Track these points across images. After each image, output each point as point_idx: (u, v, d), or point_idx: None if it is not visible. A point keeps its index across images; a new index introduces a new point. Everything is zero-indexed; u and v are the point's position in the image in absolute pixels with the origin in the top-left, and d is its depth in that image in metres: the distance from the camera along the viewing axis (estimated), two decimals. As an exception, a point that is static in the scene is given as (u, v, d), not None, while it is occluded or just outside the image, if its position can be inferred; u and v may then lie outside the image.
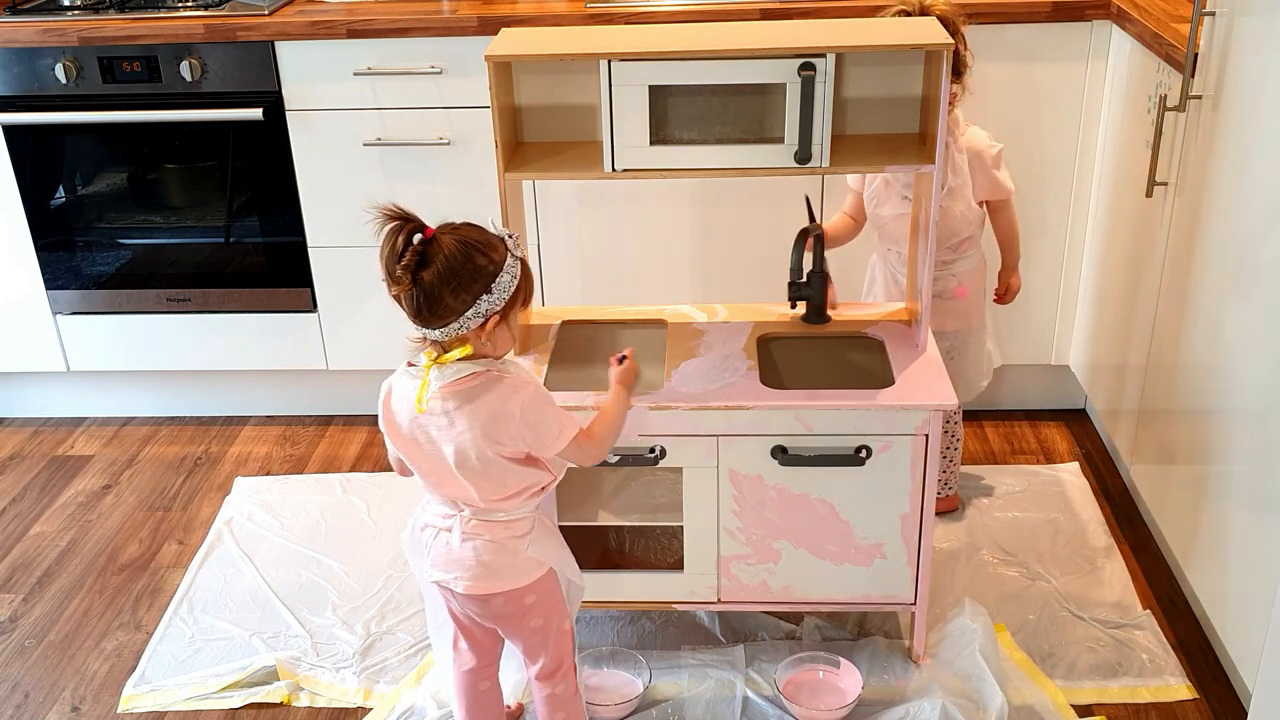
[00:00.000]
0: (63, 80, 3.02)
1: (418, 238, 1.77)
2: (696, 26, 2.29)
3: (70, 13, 3.10)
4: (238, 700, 2.41)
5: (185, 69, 2.99)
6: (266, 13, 3.00)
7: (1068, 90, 2.92)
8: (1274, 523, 2.05)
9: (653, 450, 2.23)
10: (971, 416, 3.27)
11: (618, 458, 2.22)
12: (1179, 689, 2.34)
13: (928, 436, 2.19)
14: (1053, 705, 2.29)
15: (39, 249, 3.22)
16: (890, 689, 2.33)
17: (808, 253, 2.39)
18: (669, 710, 2.31)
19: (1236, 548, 2.22)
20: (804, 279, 2.39)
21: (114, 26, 2.99)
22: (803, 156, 2.15)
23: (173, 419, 3.49)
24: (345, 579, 2.73)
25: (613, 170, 2.20)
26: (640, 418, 2.16)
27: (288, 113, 3.03)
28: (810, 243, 2.38)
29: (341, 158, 3.06)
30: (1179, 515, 2.50)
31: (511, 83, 2.26)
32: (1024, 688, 2.33)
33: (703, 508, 2.27)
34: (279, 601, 2.67)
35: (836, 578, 2.32)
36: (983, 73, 2.62)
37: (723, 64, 2.12)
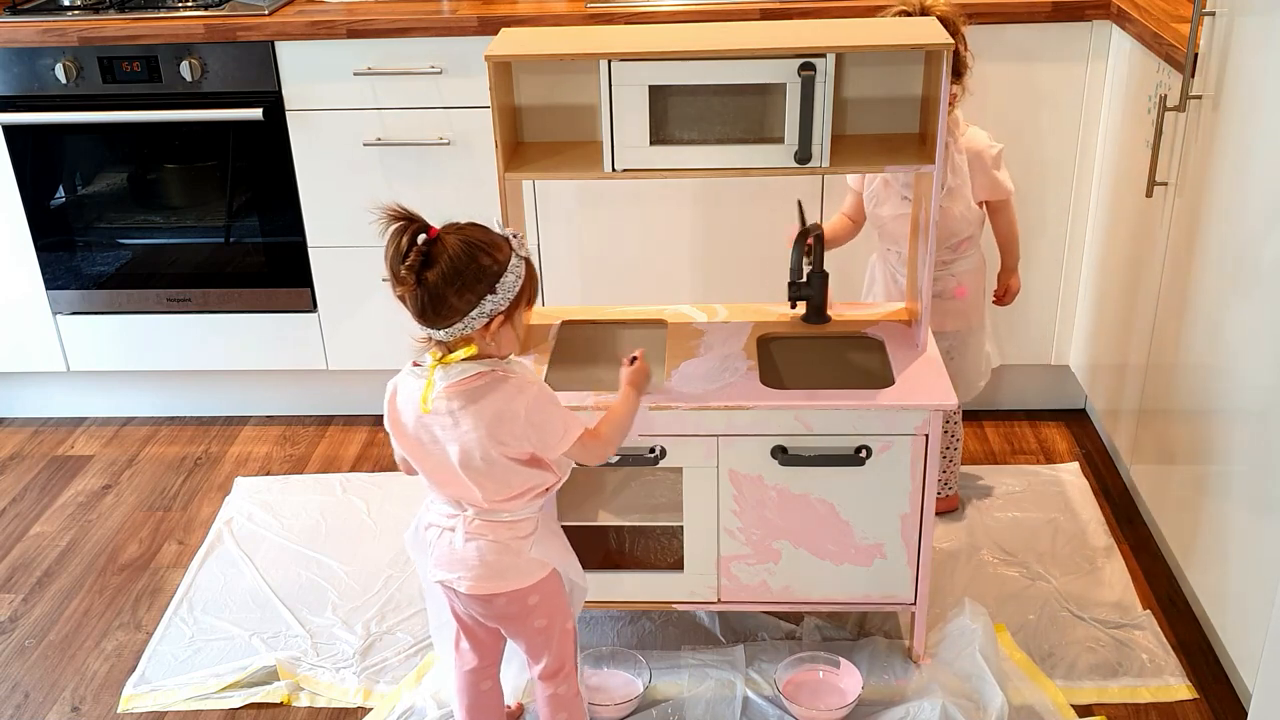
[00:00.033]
0: (63, 80, 3.02)
1: (422, 238, 1.77)
2: (696, 26, 2.29)
3: (70, 13, 3.09)
4: (238, 700, 2.41)
5: (185, 69, 2.99)
6: (266, 13, 3.00)
7: (1068, 90, 2.91)
8: (1274, 523, 2.05)
9: (653, 450, 2.23)
10: (971, 416, 3.27)
11: (618, 458, 2.21)
12: (1179, 689, 2.34)
13: (928, 436, 2.19)
14: (1053, 705, 2.29)
15: (39, 249, 3.22)
16: (890, 689, 2.33)
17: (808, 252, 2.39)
18: (669, 710, 2.31)
19: (1236, 548, 2.22)
20: (804, 279, 2.39)
21: (114, 26, 2.99)
22: (803, 156, 2.15)
23: (173, 419, 3.49)
24: (345, 579, 2.73)
25: (613, 170, 2.20)
26: (640, 418, 2.16)
27: (288, 113, 3.03)
28: (810, 242, 2.38)
29: (341, 158, 3.06)
30: (1179, 515, 2.50)
31: (511, 83, 2.26)
32: (1024, 688, 2.33)
33: (703, 508, 2.27)
34: (279, 601, 2.67)
35: (836, 578, 2.32)
36: (983, 73, 2.62)
37: (723, 64, 2.12)
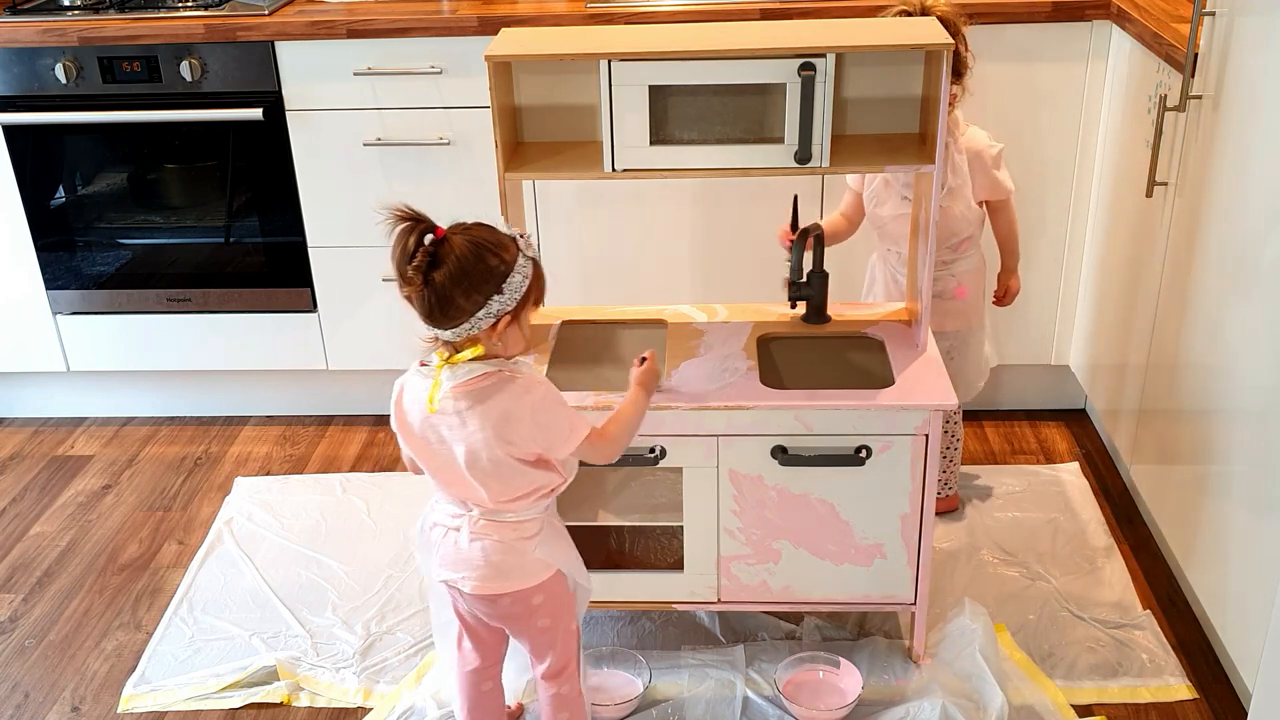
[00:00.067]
0: (63, 80, 3.02)
1: (429, 238, 1.76)
2: (696, 26, 2.29)
3: (70, 13, 3.09)
4: (238, 700, 2.41)
5: (185, 69, 2.99)
6: (266, 13, 3.00)
7: (1068, 90, 2.91)
8: (1274, 523, 2.05)
9: (653, 450, 2.22)
10: (971, 416, 3.27)
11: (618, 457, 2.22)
12: (1179, 689, 2.34)
13: (928, 436, 2.19)
14: (1053, 705, 2.29)
15: (39, 249, 3.22)
16: (890, 689, 2.33)
17: (808, 252, 2.39)
18: (669, 710, 2.31)
19: (1236, 548, 2.22)
20: (804, 279, 2.39)
21: (114, 26, 2.99)
22: (803, 156, 2.15)
23: (173, 419, 3.49)
24: (345, 579, 2.73)
25: (613, 170, 2.20)
26: (641, 418, 2.17)
27: (288, 113, 3.03)
28: (810, 243, 2.38)
29: (341, 158, 3.06)
30: (1179, 515, 2.50)
31: (511, 83, 2.26)
32: (1024, 688, 2.33)
33: (703, 508, 2.27)
34: (279, 601, 2.67)
35: (836, 578, 2.32)
36: (983, 73, 2.62)
37: (723, 64, 2.12)
